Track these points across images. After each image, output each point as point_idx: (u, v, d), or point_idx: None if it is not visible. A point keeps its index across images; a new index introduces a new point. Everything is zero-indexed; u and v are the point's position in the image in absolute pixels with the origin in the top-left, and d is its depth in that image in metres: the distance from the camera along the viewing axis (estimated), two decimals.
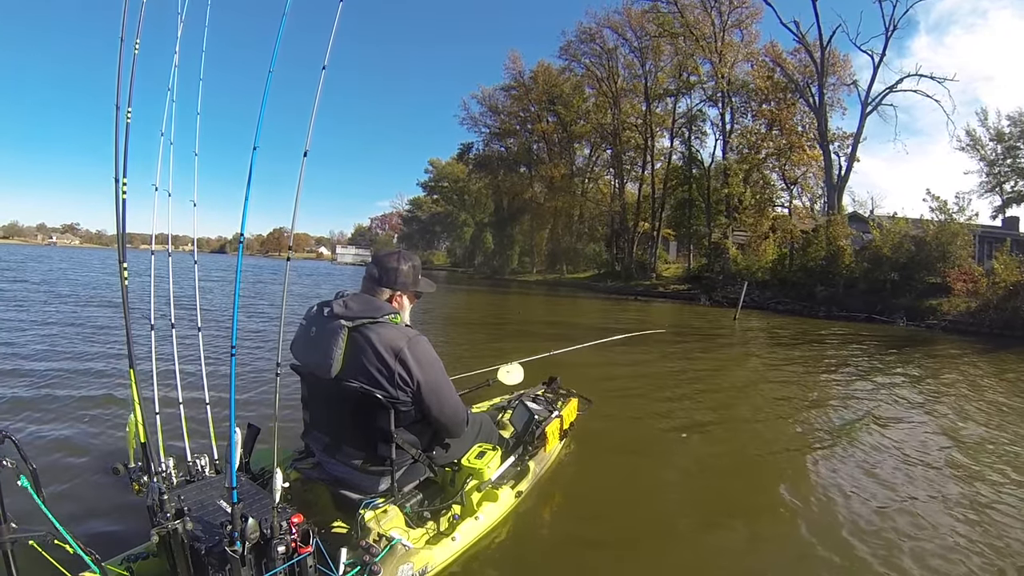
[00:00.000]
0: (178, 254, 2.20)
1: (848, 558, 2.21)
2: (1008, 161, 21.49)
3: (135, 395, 1.50)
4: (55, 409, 3.46)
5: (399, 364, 1.75)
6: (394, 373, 1.75)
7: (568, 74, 37.00)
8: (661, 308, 19.17)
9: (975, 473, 3.29)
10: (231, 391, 1.38)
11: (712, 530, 2.49)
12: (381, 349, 1.74)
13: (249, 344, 5.91)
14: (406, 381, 1.76)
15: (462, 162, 51.50)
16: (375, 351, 1.74)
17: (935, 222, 17.81)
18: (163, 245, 1.99)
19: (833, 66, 23.85)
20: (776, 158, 25.65)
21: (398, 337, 1.78)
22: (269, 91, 1.42)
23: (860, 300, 17.37)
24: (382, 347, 1.75)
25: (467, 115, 44.90)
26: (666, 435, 3.89)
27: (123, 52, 1.41)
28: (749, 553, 2.29)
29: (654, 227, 32.06)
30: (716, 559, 2.24)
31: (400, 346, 1.76)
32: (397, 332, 1.80)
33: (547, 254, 44.20)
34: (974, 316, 14.04)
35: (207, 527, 1.47)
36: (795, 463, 3.42)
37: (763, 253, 24.59)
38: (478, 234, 52.90)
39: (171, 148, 1.82)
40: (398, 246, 68.37)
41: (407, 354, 1.76)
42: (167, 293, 2.03)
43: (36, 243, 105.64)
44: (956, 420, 4.57)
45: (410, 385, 1.77)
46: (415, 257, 2.00)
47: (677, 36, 28.24)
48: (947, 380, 6.68)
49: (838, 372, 7.18)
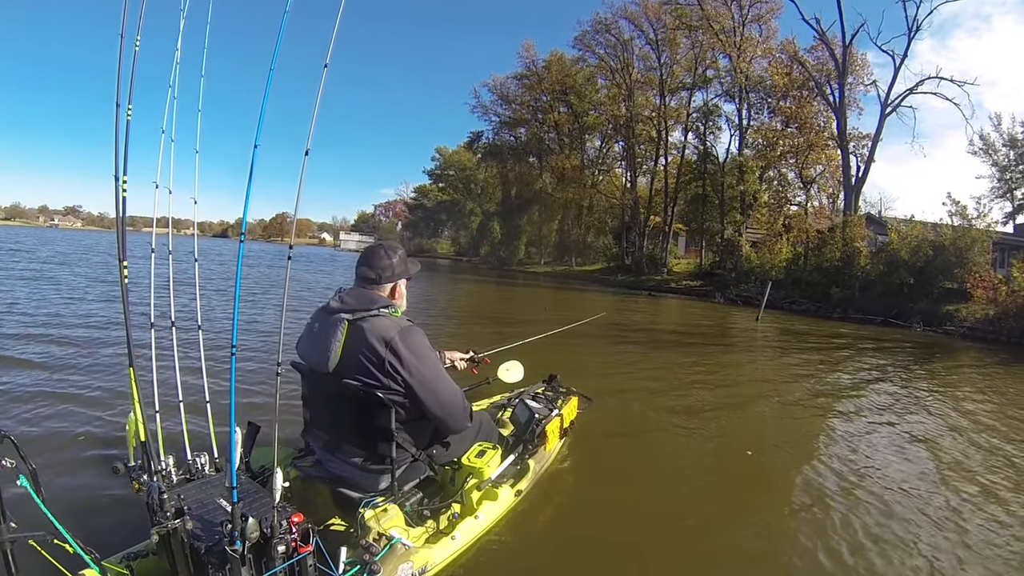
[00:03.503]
0: (179, 238, 2.20)
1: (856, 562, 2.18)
2: (1021, 168, 20.98)
3: (135, 393, 1.51)
4: (55, 409, 3.47)
5: (390, 353, 1.75)
6: (384, 361, 1.75)
7: (582, 64, 36.57)
8: (674, 305, 18.95)
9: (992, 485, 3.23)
10: (231, 389, 1.38)
11: (713, 531, 2.47)
12: (372, 339, 1.76)
13: (249, 343, 5.94)
14: (396, 370, 1.76)
15: (471, 150, 51.12)
16: (367, 342, 1.76)
17: (951, 226, 17.52)
18: (164, 229, 1.99)
19: (852, 66, 23.26)
20: (793, 156, 25.14)
21: (390, 327, 1.79)
22: (270, 89, 1.40)
23: (876, 303, 17.07)
24: (373, 337, 1.76)
25: (478, 103, 44.58)
26: (667, 436, 3.86)
27: (123, 49, 1.40)
28: (749, 555, 2.26)
29: (666, 222, 31.66)
30: (716, 560, 2.23)
31: (391, 335, 1.77)
32: (389, 322, 1.81)
33: (555, 246, 43.74)
34: (993, 324, 13.75)
35: (207, 526, 1.48)
36: (806, 471, 3.34)
37: (777, 252, 24.21)
38: (485, 223, 52.27)
39: (172, 145, 1.81)
40: (402, 234, 68.31)
41: (398, 343, 1.77)
42: (167, 294, 2.04)
43: (38, 225, 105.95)
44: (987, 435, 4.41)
45: (399, 374, 1.76)
46: (397, 245, 2.03)
47: (695, 29, 27.71)
48: (980, 392, 6.45)
49: (871, 380, 6.80)
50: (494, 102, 43.98)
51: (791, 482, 3.09)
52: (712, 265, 27.64)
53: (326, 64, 1.43)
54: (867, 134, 23.30)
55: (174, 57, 1.77)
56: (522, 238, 46.91)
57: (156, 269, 1.91)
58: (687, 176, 31.39)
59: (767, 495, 2.93)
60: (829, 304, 18.37)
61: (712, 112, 30.25)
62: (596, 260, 38.05)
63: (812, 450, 3.73)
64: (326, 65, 1.44)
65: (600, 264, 36.61)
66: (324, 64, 1.43)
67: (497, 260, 46.48)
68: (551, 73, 38.40)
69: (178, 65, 1.77)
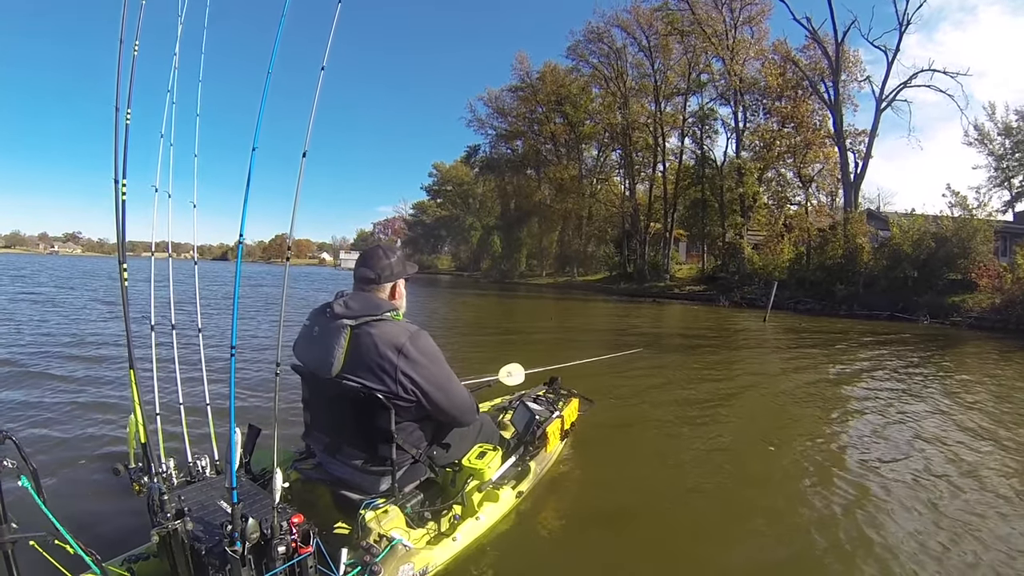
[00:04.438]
0: (178, 262, 2.22)
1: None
2: (1017, 156, 21.06)
3: (135, 396, 1.51)
4: (56, 409, 3.49)
5: (402, 359, 1.75)
6: (396, 368, 1.75)
7: (576, 75, 36.89)
8: (678, 311, 18.80)
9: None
10: (231, 391, 1.39)
11: (714, 534, 2.44)
12: (382, 346, 1.75)
13: (249, 345, 5.95)
14: (408, 375, 1.76)
15: (469, 164, 51.23)
16: (377, 348, 1.75)
17: (951, 218, 17.56)
18: (164, 253, 2.01)
19: (845, 63, 23.47)
20: (791, 155, 25.25)
21: (399, 332, 1.79)
22: (268, 92, 1.43)
23: (881, 298, 17.08)
24: (383, 344, 1.75)
25: (473, 117, 44.87)
26: (669, 437, 3.84)
27: (122, 53, 1.43)
28: (750, 557, 2.23)
29: (666, 228, 31.69)
30: (716, 561, 2.20)
31: (402, 341, 1.77)
32: (398, 328, 1.81)
33: (556, 257, 43.82)
34: (1000, 313, 13.73)
35: (207, 527, 1.48)
36: (810, 478, 3.22)
37: (780, 252, 24.21)
38: (485, 237, 52.37)
39: (171, 150, 1.84)
40: (403, 249, 68.72)
41: (409, 348, 1.77)
42: (167, 294, 2.05)
43: (38, 252, 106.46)
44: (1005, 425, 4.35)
45: (412, 378, 1.77)
46: (394, 247, 2.05)
47: (688, 34, 28.00)
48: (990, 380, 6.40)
49: (877, 375, 6.70)
50: (490, 115, 44.36)
51: (798, 493, 2.95)
52: (714, 269, 27.67)
53: (323, 67, 1.46)
54: (863, 130, 23.49)
55: (172, 62, 1.80)
56: (523, 250, 47.00)
57: (156, 274, 1.92)
58: (686, 181, 31.52)
59: (776, 502, 2.82)
60: (834, 302, 18.34)
61: (708, 116, 30.51)
62: (598, 269, 38.13)
63: (824, 448, 3.67)
64: (323, 68, 1.46)
65: (603, 273, 36.70)
66: (321, 67, 1.46)
67: (499, 273, 46.54)
68: (546, 84, 38.71)
69: (176, 70, 1.80)
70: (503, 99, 42.97)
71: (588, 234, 39.78)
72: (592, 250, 39.92)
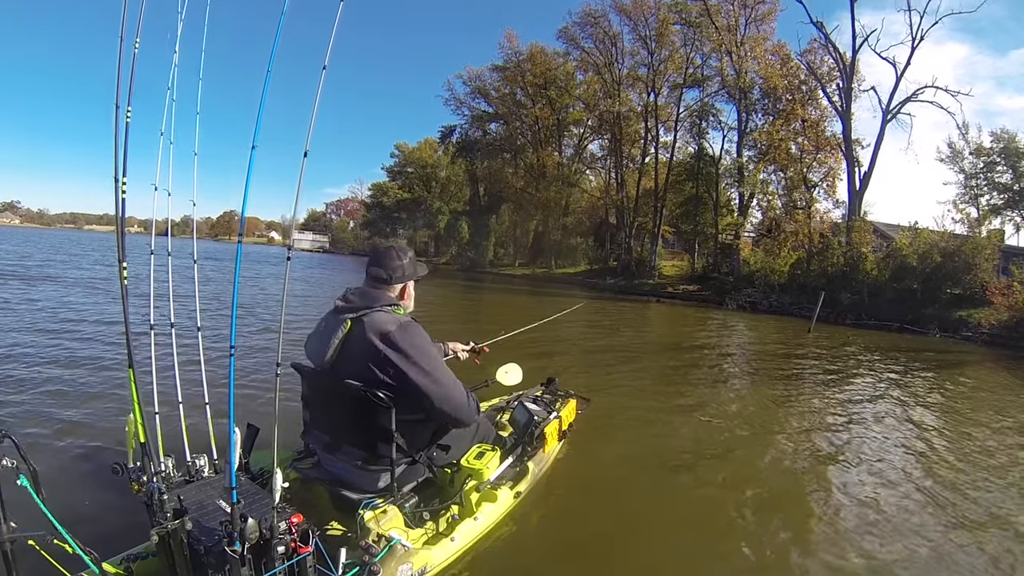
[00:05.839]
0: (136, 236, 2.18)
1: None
2: (988, 175, 21.47)
3: (134, 395, 1.50)
4: (55, 409, 3.47)
5: (386, 347, 1.76)
6: (380, 355, 1.76)
7: (565, 59, 35.09)
8: (689, 314, 17.19)
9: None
10: (230, 391, 1.38)
11: (712, 534, 2.47)
12: (370, 334, 1.78)
13: (248, 344, 5.91)
14: (392, 363, 1.76)
15: (444, 145, 47.58)
16: (364, 336, 1.78)
17: (952, 234, 17.89)
18: (136, 228, 1.99)
19: (855, 72, 23.47)
20: (795, 158, 25.07)
21: (388, 322, 1.81)
22: (267, 90, 1.42)
23: (888, 309, 16.93)
24: (371, 332, 1.78)
25: (451, 95, 41.55)
26: (670, 437, 3.86)
27: (123, 51, 1.41)
28: (749, 558, 2.26)
29: (655, 223, 30.29)
30: (717, 562, 2.22)
31: (389, 329, 1.78)
32: (389, 318, 1.83)
33: (531, 246, 41.14)
34: (1012, 330, 13.82)
35: (206, 527, 1.47)
36: (807, 478, 3.28)
37: (779, 255, 24.08)
38: (453, 223, 47.71)
39: (171, 147, 1.82)
40: (358, 232, 64.66)
41: (395, 337, 1.77)
42: (167, 294, 2.04)
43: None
44: None
45: (396, 367, 1.76)
46: (407, 248, 2.06)
47: (697, 26, 27.20)
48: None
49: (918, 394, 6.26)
50: (468, 95, 41.38)
51: (800, 496, 2.96)
52: (705, 268, 27.17)
53: (324, 66, 1.45)
54: (858, 139, 23.42)
55: (172, 60, 1.78)
56: (491, 238, 44.16)
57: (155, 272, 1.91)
58: (679, 176, 30.53)
59: (776, 504, 2.82)
60: (838, 310, 17.99)
61: (707, 111, 29.91)
62: (577, 262, 36.54)
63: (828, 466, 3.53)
64: (324, 67, 1.45)
65: (582, 266, 35.24)
66: (323, 66, 1.45)
67: (467, 261, 43.45)
68: (534, 66, 36.45)
69: (176, 67, 1.78)
70: (484, 78, 40.02)
71: (567, 225, 37.54)
72: (573, 243, 37.82)
